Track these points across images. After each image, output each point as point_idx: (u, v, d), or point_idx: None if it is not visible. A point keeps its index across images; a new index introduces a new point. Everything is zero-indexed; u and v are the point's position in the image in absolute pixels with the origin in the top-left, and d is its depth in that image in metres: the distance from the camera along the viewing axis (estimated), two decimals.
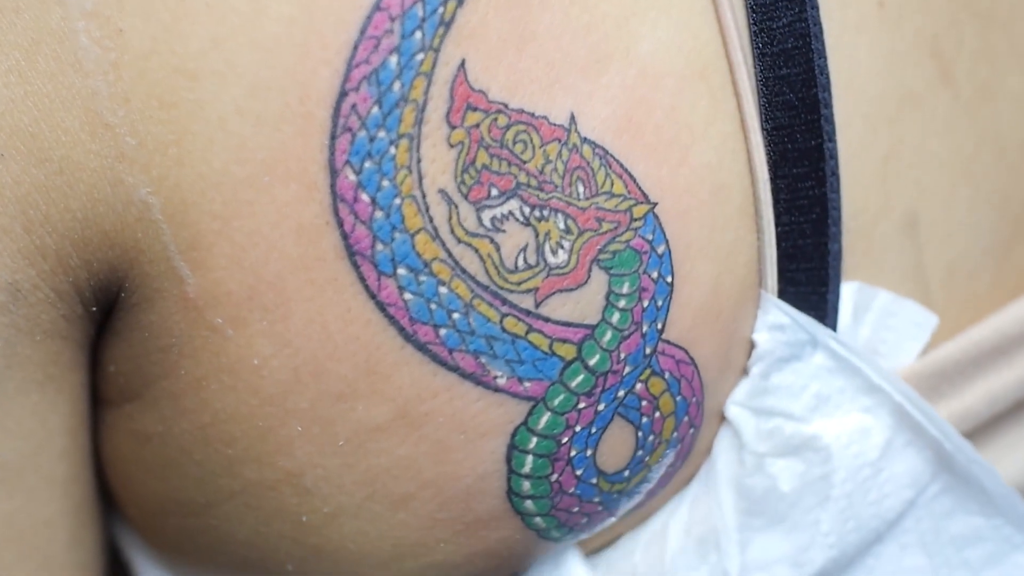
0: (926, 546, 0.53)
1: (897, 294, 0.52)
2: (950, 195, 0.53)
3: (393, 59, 0.43)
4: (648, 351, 0.48)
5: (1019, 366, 0.54)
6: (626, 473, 0.49)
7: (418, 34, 0.43)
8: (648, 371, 0.48)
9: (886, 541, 0.53)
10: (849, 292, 0.51)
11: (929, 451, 0.52)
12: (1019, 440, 0.56)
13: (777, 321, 0.50)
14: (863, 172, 0.51)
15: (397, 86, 0.43)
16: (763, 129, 0.48)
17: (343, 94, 0.43)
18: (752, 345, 0.50)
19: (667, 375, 0.48)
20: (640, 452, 0.49)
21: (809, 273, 0.50)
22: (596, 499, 0.49)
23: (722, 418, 0.52)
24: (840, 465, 0.51)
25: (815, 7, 0.48)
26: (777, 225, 0.49)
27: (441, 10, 0.43)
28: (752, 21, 0.48)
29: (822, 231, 0.49)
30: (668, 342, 0.48)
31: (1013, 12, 0.55)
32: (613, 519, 0.51)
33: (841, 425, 0.51)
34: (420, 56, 0.43)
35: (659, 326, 0.48)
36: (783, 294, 0.50)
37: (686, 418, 0.50)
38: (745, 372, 0.51)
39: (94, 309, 0.47)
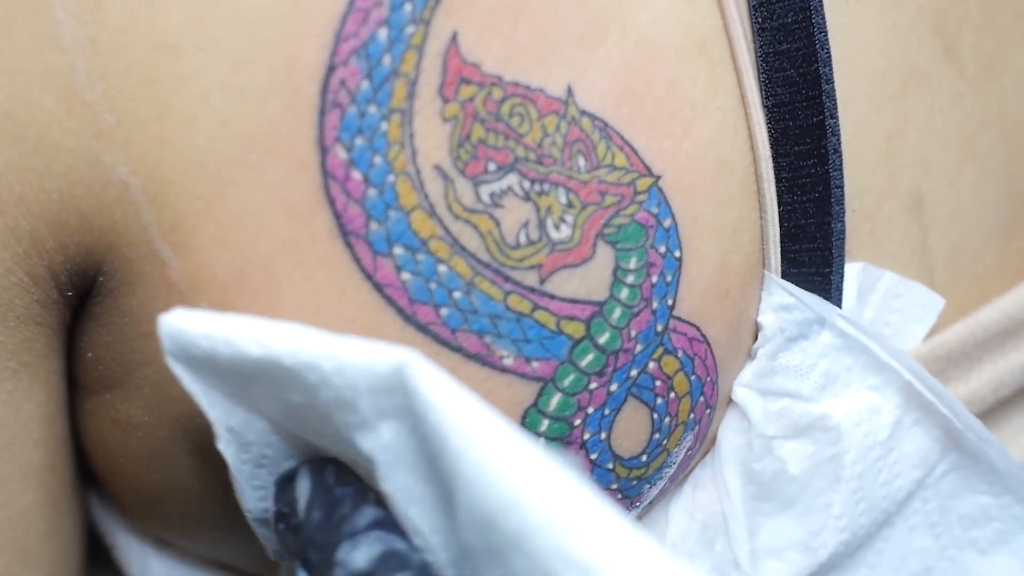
0: (933, 526, 0.53)
1: (902, 275, 0.52)
2: (955, 174, 0.53)
3: (383, 32, 0.42)
4: (660, 328, 0.47)
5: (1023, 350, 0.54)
6: (644, 458, 0.48)
7: (408, 6, 0.42)
8: (661, 349, 0.47)
9: (895, 524, 0.53)
10: (853, 273, 0.50)
11: (938, 430, 0.51)
12: (1021, 427, 0.55)
13: (782, 302, 0.49)
14: (867, 150, 0.50)
15: (387, 60, 0.42)
16: (764, 106, 0.48)
17: (331, 68, 0.42)
18: (758, 328, 0.50)
19: (680, 353, 0.47)
20: (657, 435, 0.48)
21: (812, 254, 0.49)
22: (614, 485, 0.48)
23: (728, 403, 0.51)
24: (850, 445, 0.50)
25: None
26: (779, 204, 0.48)
27: None
28: None
29: (825, 210, 0.48)
30: (679, 319, 0.47)
31: None
32: (636, 510, 0.50)
33: (850, 404, 0.50)
34: (410, 29, 0.42)
35: (669, 302, 0.47)
36: (786, 275, 0.49)
37: (702, 398, 0.49)
38: (751, 356, 0.50)
39: (70, 294, 0.46)
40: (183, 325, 0.40)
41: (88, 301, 0.46)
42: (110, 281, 0.44)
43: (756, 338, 0.50)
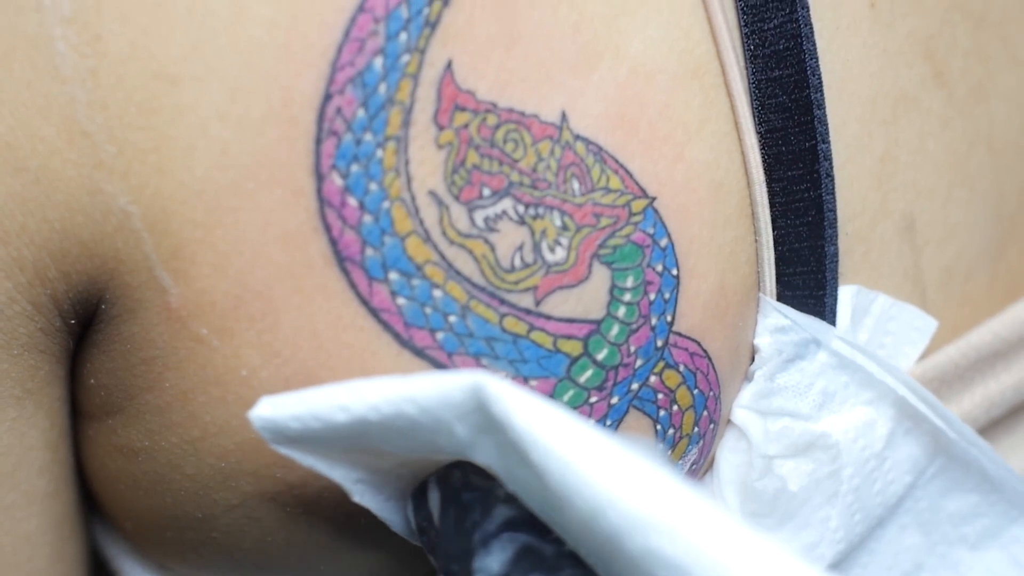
0: (923, 525, 0.54)
1: (895, 297, 0.52)
2: (946, 196, 0.53)
3: (378, 61, 0.42)
4: (660, 343, 0.47)
5: (1017, 370, 0.55)
6: None
7: (403, 35, 0.43)
8: (662, 363, 0.47)
9: (887, 524, 0.53)
10: (848, 295, 0.51)
11: (928, 437, 0.52)
12: (1018, 444, 0.56)
13: (778, 324, 0.49)
14: (859, 174, 0.50)
15: (383, 88, 0.42)
16: (757, 131, 0.48)
17: (328, 97, 0.42)
18: (754, 350, 0.50)
19: (682, 368, 0.48)
20: (661, 446, 0.49)
21: (806, 277, 0.49)
22: None
23: (726, 423, 0.51)
24: (848, 461, 0.51)
25: (806, 8, 0.48)
26: (774, 228, 0.49)
27: (426, 11, 0.43)
28: (743, 22, 0.48)
29: (818, 234, 0.49)
30: (680, 334, 0.48)
31: (1005, 12, 0.55)
32: None
33: (847, 420, 0.51)
34: (406, 57, 0.43)
35: (668, 318, 0.47)
36: (781, 298, 0.50)
37: (705, 412, 0.49)
38: (748, 378, 0.51)
39: (73, 322, 0.46)
40: (271, 414, 0.41)
41: (90, 328, 0.46)
42: (112, 308, 0.45)
43: (753, 360, 0.50)
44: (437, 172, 0.43)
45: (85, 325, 0.46)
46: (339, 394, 0.41)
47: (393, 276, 0.43)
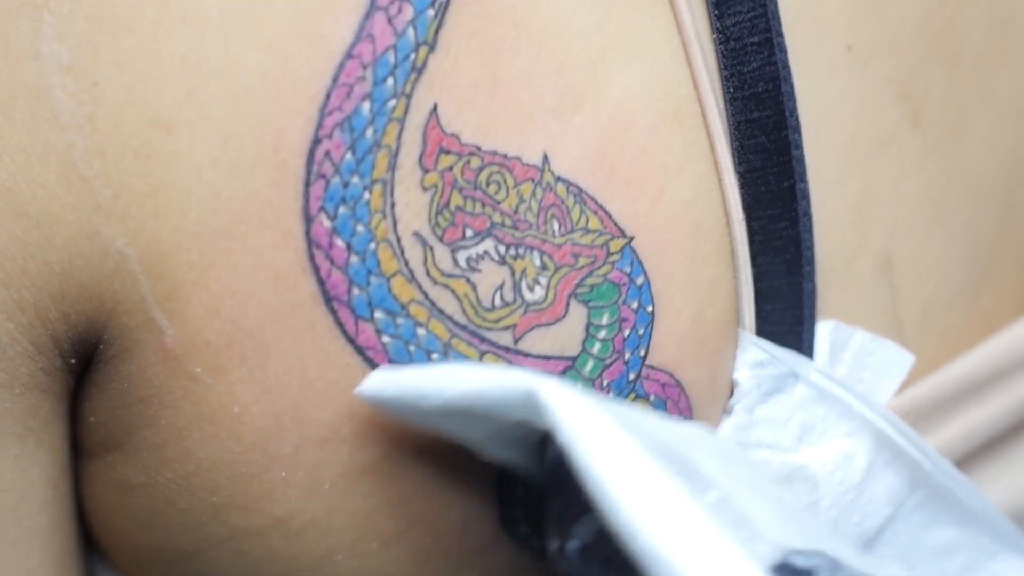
0: (905, 558, 0.54)
1: (873, 332, 0.53)
2: (923, 234, 0.54)
3: (366, 106, 0.43)
4: (632, 377, 0.48)
5: (992, 404, 0.55)
6: None
7: (390, 80, 0.44)
8: (633, 395, 0.48)
9: (866, 556, 0.53)
10: (826, 331, 0.51)
11: (907, 469, 0.52)
12: (995, 476, 0.56)
13: (757, 358, 0.50)
14: (837, 213, 0.51)
15: (370, 132, 0.43)
16: (737, 171, 0.49)
17: (316, 141, 0.43)
18: (734, 383, 0.51)
19: (652, 398, 0.49)
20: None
21: (785, 313, 0.50)
22: None
23: None
24: (826, 492, 0.51)
25: (784, 51, 0.49)
26: (753, 265, 0.50)
27: (412, 56, 0.44)
28: (723, 65, 0.49)
29: (796, 271, 0.50)
30: (652, 367, 0.48)
31: (980, 54, 0.55)
32: None
33: (826, 452, 0.51)
34: (392, 102, 0.44)
35: (642, 353, 0.48)
36: (760, 332, 0.50)
37: None
38: (728, 411, 0.51)
39: (73, 361, 0.47)
40: (372, 394, 0.44)
41: (90, 368, 0.47)
42: (110, 348, 0.46)
43: (732, 393, 0.51)
44: (422, 214, 0.44)
45: (85, 364, 0.47)
46: (424, 382, 0.42)
47: (379, 315, 0.44)
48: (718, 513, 0.40)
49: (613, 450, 0.38)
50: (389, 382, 0.43)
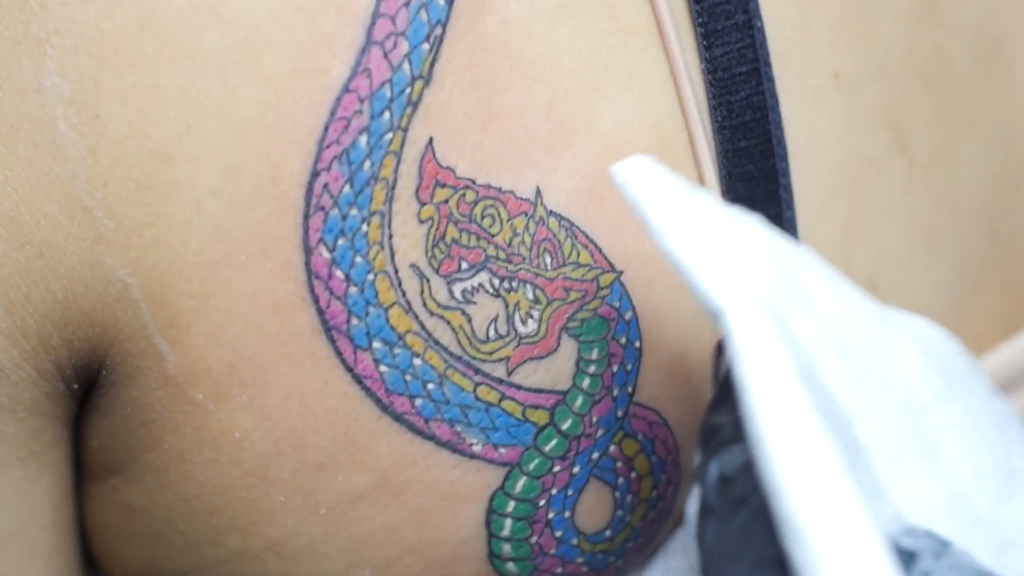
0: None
1: None
2: (909, 258, 0.55)
3: (363, 139, 0.44)
4: (620, 414, 0.49)
5: None
6: (607, 533, 0.50)
7: (386, 114, 0.44)
8: (621, 433, 0.49)
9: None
10: None
11: None
12: None
13: None
14: (824, 239, 0.52)
15: (367, 165, 0.44)
16: (725, 199, 0.49)
17: (315, 174, 0.44)
18: None
19: (640, 436, 0.49)
20: (620, 512, 0.50)
21: None
22: (579, 559, 0.50)
23: (695, 477, 0.52)
24: None
25: (771, 80, 0.49)
26: None
27: (408, 91, 0.44)
28: (711, 95, 0.49)
29: None
30: (640, 404, 0.49)
31: (966, 79, 0.56)
32: None
33: None
34: (389, 136, 0.44)
35: (629, 389, 0.49)
36: None
37: (664, 476, 0.50)
38: None
39: (76, 386, 0.47)
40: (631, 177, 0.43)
41: (92, 393, 0.48)
42: (112, 374, 0.46)
43: None
44: (418, 246, 0.45)
45: (87, 390, 0.48)
46: (669, 213, 0.42)
47: (377, 345, 0.45)
48: (863, 490, 0.39)
49: (781, 408, 0.38)
50: (655, 181, 0.42)
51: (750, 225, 0.43)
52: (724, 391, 0.43)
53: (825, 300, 0.43)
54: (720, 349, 0.46)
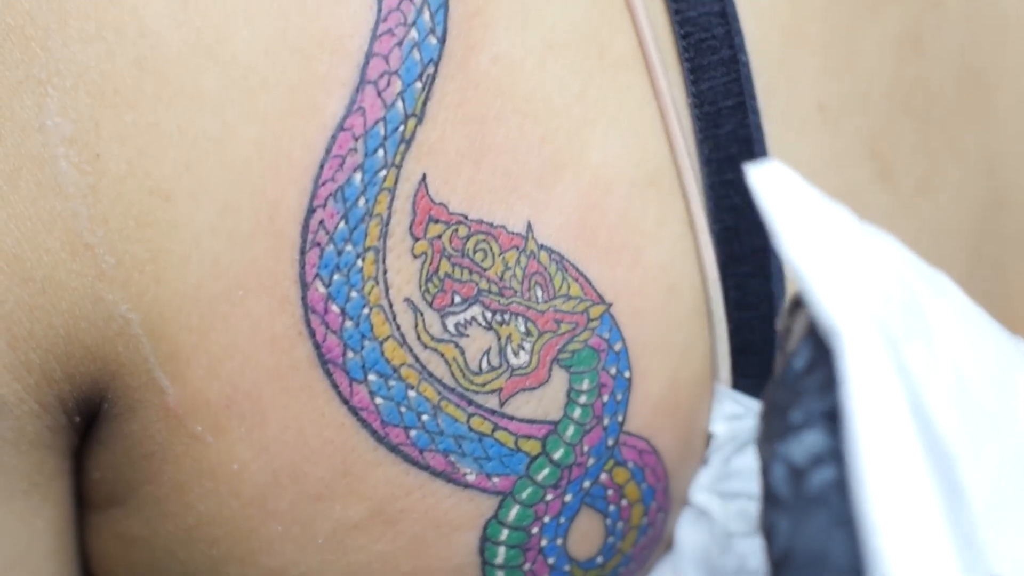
0: None
1: None
2: None
3: (357, 176, 0.45)
4: (610, 443, 0.50)
5: None
6: (599, 559, 0.51)
7: (380, 152, 0.45)
8: (612, 461, 0.50)
9: None
10: None
11: None
12: None
13: (733, 411, 0.51)
14: None
15: (362, 202, 0.45)
16: (711, 231, 0.50)
17: (311, 211, 0.45)
18: (710, 435, 0.52)
19: (630, 464, 0.50)
20: (611, 538, 0.51)
21: (760, 366, 0.51)
22: None
23: (684, 503, 0.53)
24: None
25: (757, 114, 0.50)
26: (728, 321, 0.51)
27: (402, 128, 0.45)
28: (697, 128, 0.50)
29: (770, 325, 0.51)
30: (629, 433, 0.50)
31: (948, 109, 0.57)
32: None
33: None
34: (383, 173, 0.45)
35: (620, 419, 0.49)
36: (737, 384, 0.52)
37: (654, 503, 0.51)
38: (705, 460, 0.53)
39: (78, 419, 0.48)
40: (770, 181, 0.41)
41: (94, 426, 0.48)
42: (114, 407, 0.47)
43: (709, 444, 0.52)
44: (412, 280, 0.46)
45: (89, 423, 0.48)
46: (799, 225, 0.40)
47: (372, 377, 0.46)
48: (957, 536, 0.38)
49: (886, 444, 0.37)
50: (790, 189, 0.41)
51: (884, 245, 0.42)
52: (792, 369, 0.41)
53: (948, 331, 0.43)
54: (788, 324, 0.43)
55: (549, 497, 0.49)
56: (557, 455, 0.49)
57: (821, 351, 0.40)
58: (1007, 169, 0.59)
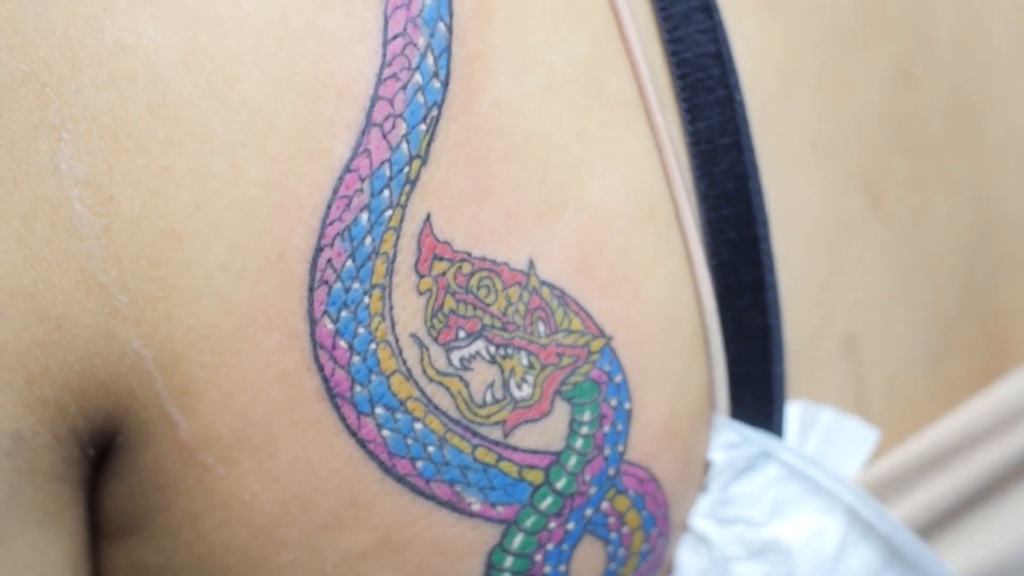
0: None
1: (840, 409, 0.55)
2: (886, 314, 0.56)
3: (364, 216, 0.46)
4: (612, 472, 0.51)
5: (952, 475, 0.57)
6: None
7: (386, 192, 0.46)
8: (613, 490, 0.51)
9: None
10: (796, 411, 0.54)
11: (881, 543, 0.54)
12: (956, 545, 0.59)
13: (730, 440, 0.52)
14: (803, 298, 0.54)
15: (368, 241, 0.46)
16: (709, 265, 0.51)
17: (319, 250, 0.46)
18: (708, 463, 0.53)
19: (631, 492, 0.51)
20: (612, 564, 0.52)
21: (757, 396, 0.52)
22: None
23: (683, 529, 0.54)
24: (801, 562, 0.53)
25: (752, 151, 0.51)
26: (726, 352, 0.52)
27: (407, 169, 0.46)
28: (695, 166, 0.51)
29: (766, 357, 0.52)
30: (630, 462, 0.51)
31: (939, 141, 0.58)
32: None
33: (799, 526, 0.53)
34: (388, 212, 0.46)
35: (620, 448, 0.50)
36: (734, 414, 0.53)
37: (655, 529, 0.52)
38: (704, 487, 0.53)
39: (92, 452, 0.48)
40: None
41: (108, 458, 0.49)
42: (127, 440, 0.48)
43: (707, 471, 0.53)
44: (418, 316, 0.47)
45: (103, 455, 0.49)
46: None
47: (379, 411, 0.47)
48: None
49: None
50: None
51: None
52: None
53: None
54: None
55: (552, 525, 0.50)
56: (560, 484, 0.50)
57: None
58: (996, 199, 0.60)
